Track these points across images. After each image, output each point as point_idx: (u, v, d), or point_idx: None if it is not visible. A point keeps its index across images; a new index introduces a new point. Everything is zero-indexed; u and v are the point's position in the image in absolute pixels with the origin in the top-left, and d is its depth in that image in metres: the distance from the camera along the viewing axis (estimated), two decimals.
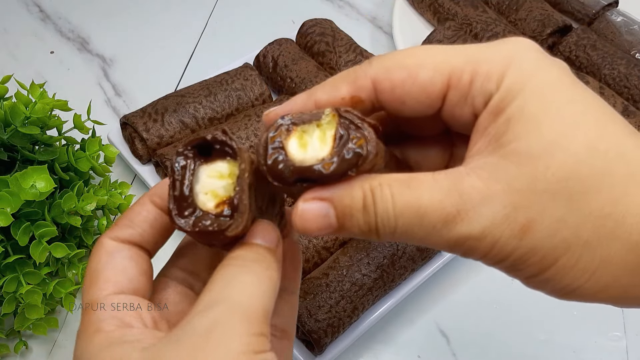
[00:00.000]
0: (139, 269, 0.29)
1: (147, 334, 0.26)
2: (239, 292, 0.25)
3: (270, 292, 0.26)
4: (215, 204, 0.27)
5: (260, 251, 0.27)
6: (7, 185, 0.45)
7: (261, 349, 0.24)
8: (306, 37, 0.74)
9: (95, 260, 0.29)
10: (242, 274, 0.26)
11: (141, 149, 0.64)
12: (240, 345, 0.24)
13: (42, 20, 0.84)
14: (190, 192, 0.27)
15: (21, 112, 0.49)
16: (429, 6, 0.81)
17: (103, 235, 0.29)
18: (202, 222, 0.27)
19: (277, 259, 0.28)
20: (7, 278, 0.47)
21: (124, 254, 0.29)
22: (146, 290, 0.29)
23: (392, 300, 0.55)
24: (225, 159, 0.28)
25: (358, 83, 0.28)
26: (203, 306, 0.25)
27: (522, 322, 0.57)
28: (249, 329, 0.24)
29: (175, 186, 0.27)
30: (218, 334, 0.24)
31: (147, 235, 0.30)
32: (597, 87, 0.68)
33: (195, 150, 0.28)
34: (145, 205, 0.30)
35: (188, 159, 0.28)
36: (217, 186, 0.27)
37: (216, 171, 0.28)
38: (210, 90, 0.67)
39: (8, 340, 0.54)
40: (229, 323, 0.24)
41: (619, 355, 0.55)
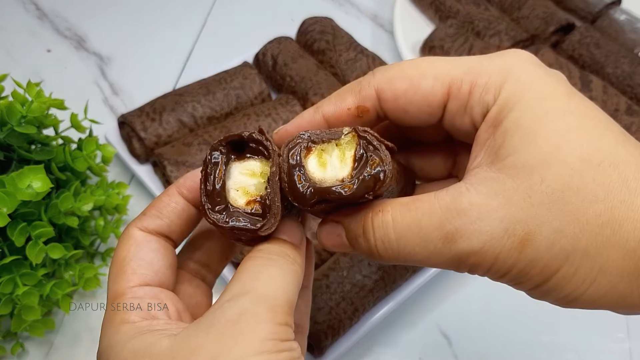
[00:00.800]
0: (165, 261, 0.30)
1: (172, 324, 0.27)
2: (265, 284, 0.26)
3: (295, 285, 0.28)
4: (246, 201, 0.28)
5: (286, 246, 0.29)
6: (3, 185, 0.45)
7: (286, 338, 0.25)
8: (306, 36, 0.73)
9: (125, 250, 0.30)
10: (269, 267, 0.27)
11: (139, 149, 0.63)
12: (267, 333, 0.25)
13: (39, 19, 0.83)
14: (222, 188, 0.28)
15: (17, 111, 0.49)
16: (431, 4, 0.80)
17: (131, 224, 0.30)
18: (236, 220, 0.27)
19: (301, 255, 0.29)
20: (3, 279, 0.46)
21: (152, 245, 0.30)
22: (170, 282, 0.30)
23: (393, 301, 0.55)
24: (258, 157, 0.29)
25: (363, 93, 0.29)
26: (231, 295, 0.26)
27: (524, 324, 0.57)
28: (275, 319, 0.25)
29: (208, 180, 0.28)
30: (246, 321, 0.25)
31: (175, 226, 0.31)
32: (601, 86, 0.67)
33: (229, 146, 0.29)
34: (174, 197, 0.31)
35: (222, 155, 0.28)
36: (248, 184, 0.28)
37: (248, 169, 0.28)
38: (208, 89, 0.66)
39: (4, 342, 0.53)
40: (257, 312, 0.25)
41: (622, 357, 0.55)
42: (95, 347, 0.57)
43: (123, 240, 0.30)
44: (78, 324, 0.56)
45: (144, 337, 0.26)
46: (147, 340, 0.26)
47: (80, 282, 0.53)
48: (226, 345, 0.24)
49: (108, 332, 0.27)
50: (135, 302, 0.28)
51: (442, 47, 0.72)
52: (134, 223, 0.30)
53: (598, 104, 0.66)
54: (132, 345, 0.26)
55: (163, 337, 0.25)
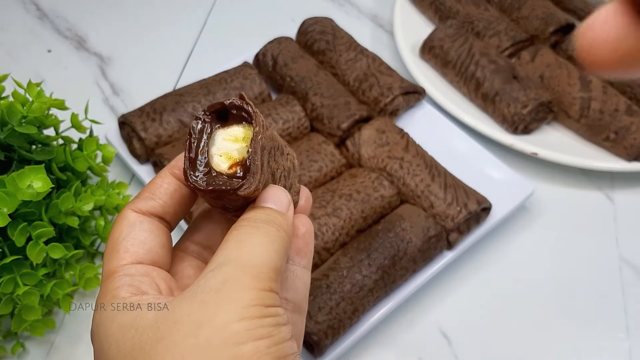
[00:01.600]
0: (158, 240, 0.30)
1: (162, 299, 0.27)
2: (249, 252, 0.27)
3: (281, 252, 0.28)
4: (228, 165, 0.28)
5: (272, 213, 0.29)
6: (3, 185, 0.45)
7: (271, 303, 0.26)
8: (306, 36, 0.73)
9: (118, 231, 0.30)
10: (253, 235, 0.27)
11: (139, 149, 0.63)
12: (250, 299, 0.25)
13: (39, 19, 0.83)
14: (206, 155, 0.28)
15: (18, 111, 0.49)
16: (430, 4, 0.80)
17: (126, 206, 0.31)
18: (215, 181, 0.28)
19: (288, 222, 0.29)
20: (4, 279, 0.47)
21: (145, 226, 0.30)
22: (164, 261, 0.31)
23: (393, 301, 0.55)
24: (241, 123, 0.29)
25: None
26: (215, 265, 0.26)
27: (524, 324, 0.57)
28: (259, 285, 0.25)
29: (190, 148, 0.29)
30: (229, 289, 0.25)
31: (168, 207, 0.31)
32: (600, 86, 0.67)
33: (214, 115, 0.29)
34: (166, 178, 0.31)
35: (205, 123, 0.29)
36: (231, 149, 0.29)
37: (232, 135, 0.29)
38: (209, 89, 0.66)
39: (5, 341, 0.53)
40: (240, 279, 0.25)
41: (622, 356, 0.55)
42: None
43: (117, 222, 0.31)
44: (79, 323, 0.56)
45: (130, 311, 0.26)
46: (134, 313, 0.26)
47: (80, 282, 0.53)
48: (209, 312, 0.24)
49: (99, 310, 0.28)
50: (127, 279, 0.28)
51: (442, 47, 0.73)
52: (128, 205, 0.31)
53: (597, 104, 0.66)
54: (120, 319, 0.26)
55: (149, 310, 0.26)
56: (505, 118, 0.68)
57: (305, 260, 0.33)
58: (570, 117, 0.68)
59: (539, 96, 0.67)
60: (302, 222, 0.33)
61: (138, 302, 0.27)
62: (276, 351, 0.25)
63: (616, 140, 0.65)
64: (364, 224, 0.58)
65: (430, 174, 0.60)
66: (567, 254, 0.62)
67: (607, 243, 0.63)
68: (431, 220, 0.57)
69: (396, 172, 0.61)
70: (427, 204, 0.58)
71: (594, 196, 0.66)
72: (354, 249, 0.54)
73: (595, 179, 0.68)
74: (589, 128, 0.67)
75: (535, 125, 0.68)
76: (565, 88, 0.68)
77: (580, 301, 0.58)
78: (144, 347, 0.25)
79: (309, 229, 0.33)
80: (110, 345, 0.26)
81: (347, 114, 0.64)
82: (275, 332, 0.25)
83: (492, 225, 0.60)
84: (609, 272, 0.60)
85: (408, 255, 0.55)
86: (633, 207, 0.65)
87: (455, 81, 0.72)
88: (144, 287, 0.28)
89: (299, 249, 0.33)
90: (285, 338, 0.26)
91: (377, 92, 0.67)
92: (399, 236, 0.55)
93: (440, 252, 0.57)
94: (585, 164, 0.65)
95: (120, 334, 0.26)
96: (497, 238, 0.62)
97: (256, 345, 0.24)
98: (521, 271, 0.60)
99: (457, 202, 0.58)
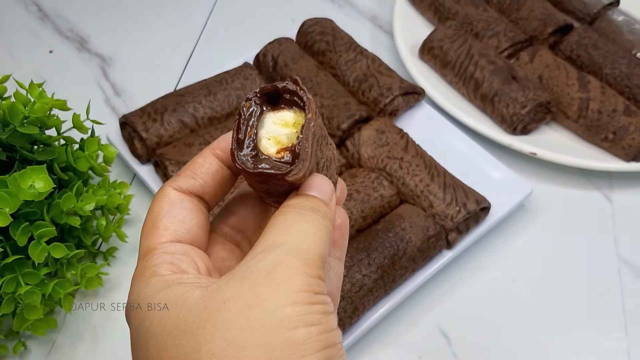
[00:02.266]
0: (197, 220, 0.30)
1: (202, 278, 0.27)
2: (298, 237, 0.26)
3: (326, 240, 0.28)
4: (277, 149, 0.28)
5: (316, 201, 0.29)
6: (5, 185, 0.45)
7: (320, 291, 0.25)
8: (306, 36, 0.74)
9: (158, 208, 0.30)
10: (300, 221, 0.27)
11: (140, 149, 0.63)
12: (301, 285, 0.25)
13: (41, 20, 0.84)
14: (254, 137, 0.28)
15: (20, 111, 0.49)
16: (430, 5, 0.80)
17: (166, 184, 0.31)
18: (263, 165, 0.27)
19: (331, 211, 0.29)
20: (6, 278, 0.47)
21: (185, 204, 0.30)
22: (202, 242, 0.30)
23: (393, 301, 0.55)
24: (292, 108, 0.29)
25: None
26: (264, 247, 0.26)
27: (523, 323, 0.57)
28: (309, 271, 0.25)
29: (240, 129, 0.28)
30: (280, 272, 0.25)
31: (208, 187, 0.31)
32: (599, 87, 0.68)
33: (264, 98, 0.29)
34: (208, 158, 0.31)
35: (256, 105, 0.29)
36: (280, 133, 0.28)
37: (282, 119, 0.29)
38: (209, 89, 0.66)
39: (7, 341, 0.54)
40: (291, 263, 0.25)
41: (620, 356, 0.55)
42: (97, 346, 0.58)
43: (157, 199, 0.30)
44: (80, 323, 0.56)
45: (174, 288, 0.26)
46: (178, 291, 0.25)
47: (82, 282, 0.54)
48: (260, 295, 0.24)
49: (137, 286, 0.27)
50: (167, 256, 0.28)
51: (441, 47, 0.73)
52: (169, 183, 0.31)
53: (596, 104, 0.66)
54: (163, 296, 0.25)
55: (195, 288, 0.25)
56: (504, 118, 0.68)
57: (340, 251, 0.33)
58: (568, 117, 0.68)
59: (538, 96, 0.67)
60: (339, 214, 0.33)
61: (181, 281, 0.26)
62: (326, 339, 0.25)
63: (614, 141, 0.65)
64: (364, 223, 0.58)
65: (429, 174, 0.60)
66: (566, 253, 0.62)
67: (605, 243, 0.63)
68: (430, 220, 0.57)
69: (396, 172, 0.61)
70: (427, 204, 0.59)
71: (593, 196, 0.67)
72: (354, 248, 0.55)
73: (593, 179, 0.68)
74: (588, 128, 0.67)
75: (534, 126, 0.69)
76: (564, 88, 0.68)
77: (579, 300, 0.59)
78: (191, 326, 0.24)
79: (345, 220, 0.33)
80: (152, 322, 0.25)
81: (347, 114, 0.64)
82: (324, 320, 0.25)
83: (491, 224, 0.60)
84: (608, 272, 0.61)
85: (407, 255, 0.55)
86: (631, 207, 0.66)
87: (455, 82, 0.73)
88: (183, 265, 0.28)
89: (335, 240, 0.32)
90: (333, 327, 0.26)
91: (377, 93, 0.68)
92: (399, 236, 0.55)
93: (440, 251, 0.58)
94: (584, 164, 0.65)
95: (164, 311, 0.25)
96: (496, 238, 0.63)
97: (308, 330, 0.24)
98: (520, 270, 0.61)
99: (457, 201, 0.58)
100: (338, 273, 0.33)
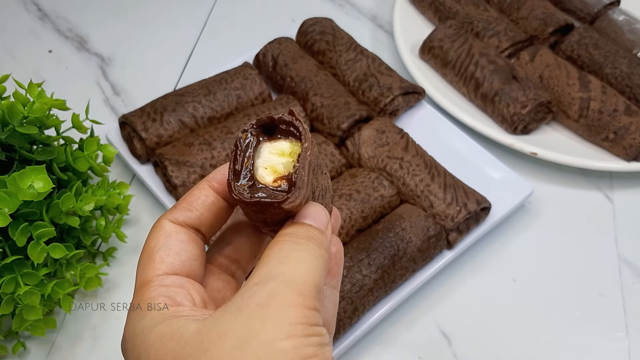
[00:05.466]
0: (193, 253, 0.30)
1: (198, 311, 0.27)
2: (293, 268, 0.26)
3: (322, 270, 0.28)
4: (273, 178, 0.28)
5: (312, 230, 0.29)
6: (5, 185, 0.45)
7: (315, 322, 0.25)
8: (306, 36, 0.74)
9: (154, 240, 0.30)
10: (296, 251, 0.27)
11: (140, 149, 0.63)
12: (297, 317, 0.25)
13: (40, 19, 0.84)
14: (251, 167, 0.29)
15: (19, 111, 0.49)
16: (430, 5, 0.80)
17: (163, 216, 0.31)
18: (260, 193, 0.28)
19: (327, 240, 0.29)
20: (5, 279, 0.47)
21: (181, 237, 0.30)
22: (198, 274, 0.31)
23: (393, 301, 0.55)
24: (288, 138, 0.29)
25: None
26: (259, 279, 0.26)
27: (524, 323, 0.57)
28: (304, 303, 0.25)
29: (236, 160, 0.29)
30: (275, 305, 0.25)
31: (205, 219, 0.31)
32: (599, 87, 0.68)
33: (261, 128, 0.29)
34: (204, 190, 0.31)
35: (252, 136, 0.29)
36: (277, 162, 0.29)
37: (278, 149, 0.29)
38: (209, 89, 0.66)
39: (6, 341, 0.54)
40: (286, 295, 0.25)
41: (620, 356, 0.55)
42: (96, 346, 0.57)
43: (153, 231, 0.30)
44: (79, 323, 0.56)
45: (170, 322, 0.26)
46: (174, 325, 0.26)
47: (81, 282, 0.53)
48: (255, 328, 0.24)
49: (133, 319, 0.27)
50: (162, 289, 0.28)
51: (442, 47, 0.73)
52: (165, 215, 0.31)
53: (596, 104, 0.66)
54: (159, 330, 0.26)
55: (190, 322, 0.25)
56: (504, 118, 0.68)
57: (335, 280, 0.33)
58: (569, 117, 0.68)
59: (538, 96, 0.67)
60: (334, 242, 0.33)
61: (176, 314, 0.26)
62: None
63: (615, 140, 0.65)
64: (364, 223, 0.58)
65: (429, 173, 0.60)
66: (566, 253, 0.62)
67: (606, 243, 0.63)
68: (431, 220, 0.57)
69: (396, 172, 0.61)
70: (427, 204, 0.59)
71: (593, 196, 0.67)
72: (354, 248, 0.55)
73: (594, 179, 0.68)
74: (588, 128, 0.67)
75: (534, 126, 0.68)
76: (565, 88, 0.68)
77: (579, 300, 0.59)
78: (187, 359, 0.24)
79: (340, 249, 0.33)
80: (149, 356, 0.25)
81: (347, 114, 0.64)
82: (320, 352, 0.25)
83: (491, 225, 0.60)
84: (608, 272, 0.60)
85: (408, 255, 0.55)
86: (632, 207, 0.66)
87: (455, 81, 0.72)
88: (179, 298, 0.28)
89: (330, 269, 0.32)
90: (329, 358, 0.26)
91: (377, 92, 0.67)
92: (399, 236, 0.55)
93: (440, 251, 0.58)
94: (585, 164, 0.65)
95: (160, 344, 0.25)
96: (496, 238, 0.62)
97: None
98: (520, 270, 0.60)
99: (457, 201, 0.58)
100: (333, 302, 0.33)
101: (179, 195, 0.59)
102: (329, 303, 0.32)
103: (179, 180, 0.58)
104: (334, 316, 0.33)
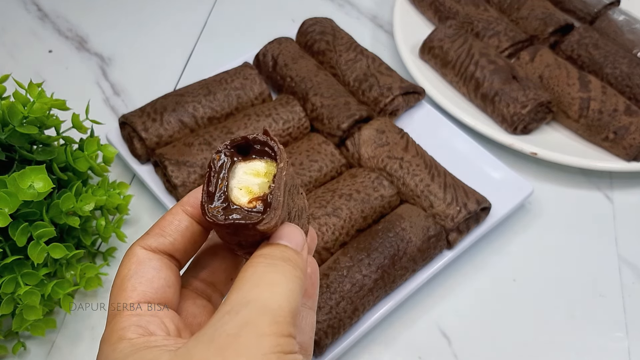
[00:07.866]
0: (167, 279, 0.29)
1: (171, 340, 0.26)
2: (268, 292, 0.26)
3: (297, 292, 0.27)
4: (248, 199, 0.28)
5: (287, 251, 0.28)
6: (5, 185, 0.45)
7: (290, 350, 0.25)
8: (306, 36, 0.74)
9: (126, 268, 0.29)
10: (270, 273, 0.27)
11: (140, 149, 0.63)
12: (270, 346, 0.24)
13: (40, 19, 0.84)
14: (225, 188, 0.28)
15: (19, 111, 0.49)
16: (430, 5, 0.80)
17: (135, 243, 0.30)
18: (234, 215, 0.27)
19: (303, 261, 0.29)
20: (5, 279, 0.47)
21: (154, 264, 0.29)
22: (172, 300, 0.30)
23: (393, 301, 0.55)
24: (264, 158, 0.29)
25: None
26: (231, 306, 0.25)
27: (524, 323, 0.57)
28: (278, 330, 0.25)
29: (210, 181, 0.28)
30: (248, 334, 0.24)
31: (178, 244, 0.30)
32: (599, 87, 0.68)
33: (235, 149, 0.29)
34: (177, 215, 0.31)
35: (226, 157, 0.29)
36: (252, 183, 0.28)
37: (253, 169, 0.29)
38: (209, 89, 0.66)
39: (6, 341, 0.54)
40: (259, 324, 0.24)
41: (620, 356, 0.55)
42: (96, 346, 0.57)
43: (125, 259, 0.30)
44: (79, 323, 0.56)
45: (141, 353, 0.25)
46: (146, 356, 0.25)
47: (81, 282, 0.53)
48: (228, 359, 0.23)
49: (105, 351, 0.27)
50: (134, 319, 0.27)
51: (442, 47, 0.73)
52: (138, 242, 0.30)
53: (596, 104, 0.66)
54: None
55: (163, 352, 0.25)
56: (504, 118, 0.68)
57: (311, 301, 0.33)
58: (569, 117, 0.68)
59: (539, 96, 0.67)
60: (309, 263, 0.32)
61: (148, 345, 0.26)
62: None
63: (615, 140, 0.65)
64: (364, 223, 0.58)
65: (430, 173, 0.60)
66: (566, 253, 0.62)
67: (606, 243, 0.63)
68: (431, 220, 0.57)
69: (396, 172, 0.61)
70: (427, 204, 0.59)
71: (593, 196, 0.67)
72: (354, 248, 0.55)
73: (594, 178, 0.68)
74: (588, 128, 0.67)
75: (534, 125, 0.68)
76: (565, 88, 0.68)
77: (580, 300, 0.59)
78: None
79: (315, 270, 0.33)
80: None
81: (347, 114, 0.64)
82: None
83: (491, 225, 0.60)
84: (608, 272, 0.60)
85: (408, 255, 0.55)
86: (632, 207, 0.66)
87: (455, 81, 0.72)
88: (151, 327, 0.27)
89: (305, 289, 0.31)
90: None
91: (377, 92, 0.67)
92: (399, 236, 0.55)
93: (440, 251, 0.58)
94: (585, 164, 0.65)
95: None
96: (496, 238, 0.62)
97: None
98: (520, 270, 0.60)
99: (457, 201, 0.58)
100: (310, 323, 0.32)
101: (179, 195, 0.59)
102: (305, 325, 0.32)
103: (179, 180, 0.59)
104: (311, 338, 0.32)
